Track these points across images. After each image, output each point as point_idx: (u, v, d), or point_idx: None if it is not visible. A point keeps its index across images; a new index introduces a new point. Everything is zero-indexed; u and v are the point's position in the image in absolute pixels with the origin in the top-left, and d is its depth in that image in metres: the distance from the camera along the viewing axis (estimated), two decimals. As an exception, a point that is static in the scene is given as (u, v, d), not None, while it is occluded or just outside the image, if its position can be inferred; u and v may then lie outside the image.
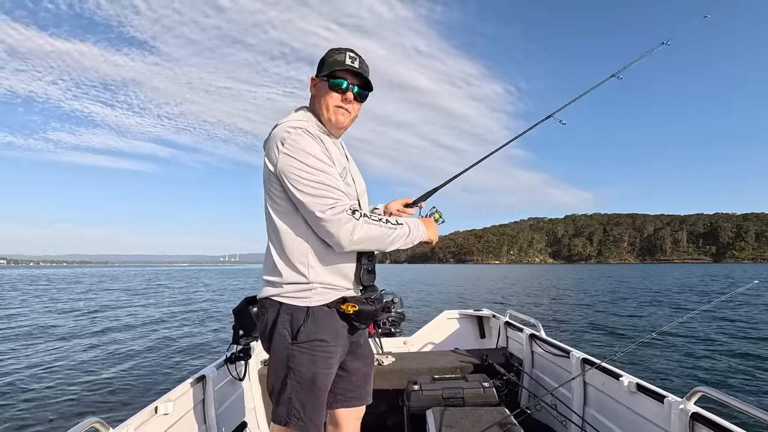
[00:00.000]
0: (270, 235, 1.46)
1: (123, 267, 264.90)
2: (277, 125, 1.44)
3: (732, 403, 1.46)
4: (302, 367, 1.38)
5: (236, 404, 2.55)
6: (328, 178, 1.35)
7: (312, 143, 1.37)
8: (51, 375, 6.78)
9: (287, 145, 1.35)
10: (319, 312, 1.41)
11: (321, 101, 1.48)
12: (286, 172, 1.35)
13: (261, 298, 1.46)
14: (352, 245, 1.35)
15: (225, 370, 2.39)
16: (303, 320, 1.39)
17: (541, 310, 16.04)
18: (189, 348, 8.73)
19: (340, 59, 1.45)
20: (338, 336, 1.46)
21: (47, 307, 16.77)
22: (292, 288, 1.40)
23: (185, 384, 2.07)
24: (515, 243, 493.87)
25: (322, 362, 1.41)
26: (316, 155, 1.36)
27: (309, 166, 1.34)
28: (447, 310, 4.17)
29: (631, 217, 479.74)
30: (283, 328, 1.39)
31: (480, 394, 2.36)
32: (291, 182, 1.34)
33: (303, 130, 1.37)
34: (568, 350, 2.62)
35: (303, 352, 1.39)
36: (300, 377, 1.38)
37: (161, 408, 1.81)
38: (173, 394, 1.93)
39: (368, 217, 1.37)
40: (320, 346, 1.40)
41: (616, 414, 2.18)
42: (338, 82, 1.45)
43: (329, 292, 1.43)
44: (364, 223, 1.34)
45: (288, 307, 1.40)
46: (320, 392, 1.41)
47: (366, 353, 1.68)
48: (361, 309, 1.44)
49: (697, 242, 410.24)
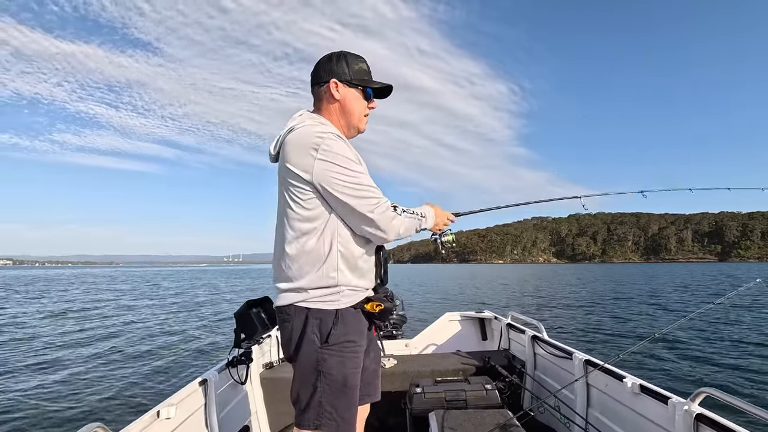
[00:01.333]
0: (291, 241, 1.43)
1: (128, 267, 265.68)
2: (293, 130, 1.42)
3: (737, 404, 1.45)
4: (333, 369, 1.39)
5: (238, 408, 2.54)
6: (367, 179, 1.41)
7: (346, 147, 1.40)
8: (51, 379, 6.72)
9: (322, 151, 1.35)
10: (347, 314, 1.43)
11: (350, 107, 1.53)
12: (326, 178, 1.35)
13: (281, 306, 1.44)
14: (397, 237, 1.46)
15: (227, 373, 2.39)
16: (333, 323, 1.40)
17: (542, 311, 15.96)
18: (190, 351, 8.70)
19: (366, 68, 1.55)
20: (363, 335, 1.50)
21: (47, 310, 16.70)
22: (320, 292, 1.41)
23: (187, 388, 2.07)
24: (519, 242, 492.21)
25: (351, 362, 1.43)
26: (352, 158, 1.40)
27: (349, 169, 1.36)
28: (448, 312, 4.18)
29: (636, 216, 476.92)
30: (312, 334, 1.39)
31: (482, 397, 2.36)
32: (333, 187, 1.35)
33: (335, 135, 1.39)
34: (570, 352, 2.62)
35: (333, 355, 1.39)
36: (330, 380, 1.39)
37: (163, 412, 1.80)
38: (175, 398, 1.93)
39: (406, 211, 1.48)
40: (349, 346, 1.42)
41: (620, 416, 2.17)
42: (371, 92, 1.56)
43: (355, 294, 1.46)
44: (405, 217, 1.46)
45: (316, 312, 1.40)
46: (351, 391, 1.44)
47: (375, 351, 1.73)
48: (386, 307, 1.49)
49: (702, 241, 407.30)
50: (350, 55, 1.54)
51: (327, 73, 1.52)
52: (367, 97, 1.55)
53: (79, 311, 16.17)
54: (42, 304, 19.53)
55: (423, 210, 1.60)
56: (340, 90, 1.51)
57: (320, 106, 1.55)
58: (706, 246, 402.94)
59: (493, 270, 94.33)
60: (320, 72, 1.53)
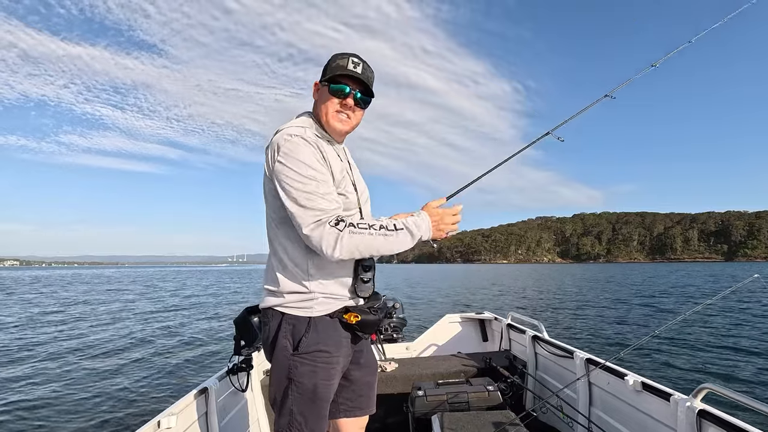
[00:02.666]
0: (271, 243, 1.44)
1: (133, 268, 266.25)
2: (278, 131, 1.41)
3: (739, 399, 1.45)
4: (303, 378, 1.37)
5: (239, 416, 2.53)
6: (318, 187, 1.31)
7: (307, 151, 1.34)
8: (47, 389, 6.56)
9: (281, 152, 1.33)
10: (321, 322, 1.39)
11: (321, 106, 1.47)
12: (278, 181, 1.33)
13: (263, 308, 1.44)
14: (337, 256, 1.28)
15: (227, 381, 2.36)
16: (305, 331, 1.37)
17: (543, 311, 15.94)
18: (190, 358, 8.60)
19: (343, 64, 1.43)
20: (340, 346, 1.44)
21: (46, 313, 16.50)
22: (294, 298, 1.39)
23: (187, 397, 2.06)
24: (523, 242, 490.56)
25: (324, 373, 1.39)
26: (310, 164, 1.32)
27: (301, 174, 1.30)
28: (448, 314, 4.18)
29: (641, 215, 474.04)
30: (284, 339, 1.38)
31: (485, 398, 2.36)
32: (282, 191, 1.32)
33: (300, 138, 1.35)
34: (571, 351, 2.62)
35: (304, 363, 1.37)
36: (301, 389, 1.37)
37: (164, 422, 1.79)
38: (176, 408, 1.92)
39: (355, 225, 1.29)
40: (321, 357, 1.38)
41: (623, 413, 2.18)
42: (339, 88, 1.43)
43: (331, 302, 1.42)
44: (348, 234, 1.28)
45: (290, 318, 1.38)
46: (322, 403, 1.40)
47: (369, 362, 1.66)
48: (364, 319, 1.42)
49: (709, 241, 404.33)
50: (337, 54, 1.47)
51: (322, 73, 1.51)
52: (333, 92, 1.43)
53: (77, 316, 15.93)
54: (41, 306, 19.29)
55: (402, 223, 1.37)
56: (319, 90, 1.49)
57: (313, 108, 1.55)
58: (713, 246, 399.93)
59: (496, 270, 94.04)
60: None
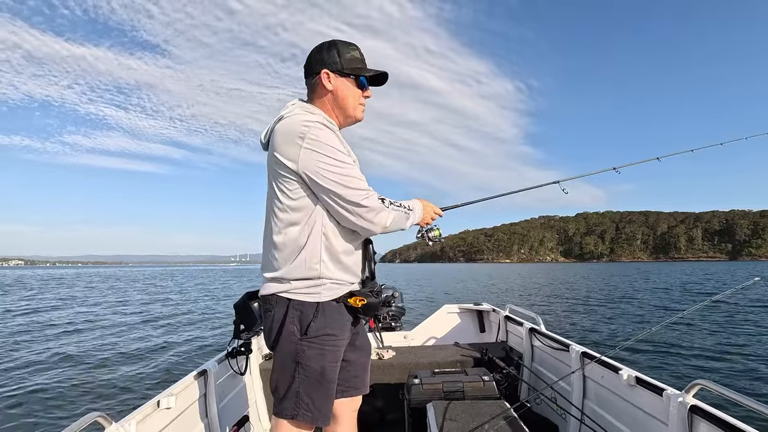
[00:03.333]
0: (277, 230, 1.42)
1: (136, 267, 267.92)
2: (282, 119, 1.42)
3: (731, 396, 1.46)
4: (311, 361, 1.39)
5: (238, 398, 2.57)
6: (353, 170, 1.38)
7: (332, 136, 1.37)
8: (53, 370, 6.84)
9: (308, 139, 1.33)
10: (328, 307, 1.42)
11: (343, 97, 1.50)
12: (312, 168, 1.33)
13: (265, 295, 1.45)
14: (385, 229, 1.43)
15: (226, 364, 2.40)
16: (313, 316, 1.39)
17: (541, 305, 16.05)
18: (191, 342, 8.78)
19: (357, 56, 1.50)
20: (345, 329, 1.48)
21: (51, 305, 16.99)
22: (302, 284, 1.40)
23: (187, 378, 2.09)
24: (526, 241, 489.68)
25: (331, 356, 1.43)
26: (339, 148, 1.37)
27: (335, 159, 1.34)
28: (447, 305, 4.20)
29: (644, 214, 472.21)
30: (291, 324, 1.39)
31: (480, 388, 2.38)
32: (320, 177, 1.33)
33: (321, 124, 1.36)
34: (567, 344, 2.63)
35: (312, 347, 1.39)
36: (309, 371, 1.39)
37: (163, 402, 1.82)
38: (175, 389, 1.95)
39: (394, 203, 1.45)
40: (329, 340, 1.41)
41: (616, 407, 2.19)
42: (364, 81, 1.51)
43: (338, 287, 1.44)
44: (392, 210, 1.42)
45: (297, 303, 1.39)
46: (329, 384, 1.44)
47: (364, 344, 1.70)
48: (369, 302, 1.46)
49: (713, 240, 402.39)
50: (341, 43, 1.50)
51: (318, 64, 1.48)
52: (360, 85, 1.51)
53: (83, 306, 16.41)
54: (48, 300, 19.82)
55: (411, 203, 1.56)
56: (332, 80, 1.48)
57: (313, 97, 1.53)
58: (717, 245, 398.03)
59: (498, 269, 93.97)
60: (312, 63, 1.50)
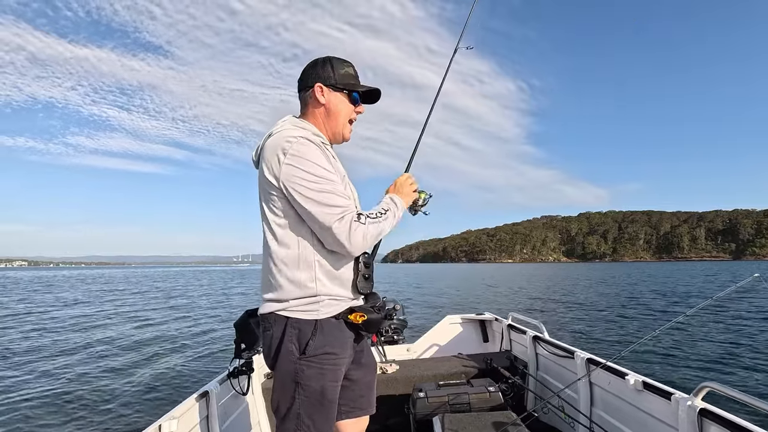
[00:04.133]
0: (270, 248, 1.41)
1: (139, 268, 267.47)
2: (271, 135, 1.41)
3: (740, 397, 1.44)
4: (311, 381, 1.36)
5: (241, 419, 2.53)
6: (333, 186, 1.35)
7: (315, 152, 1.36)
8: (47, 394, 6.47)
9: (289, 155, 1.32)
10: (327, 324, 1.39)
11: (335, 112, 1.51)
12: (290, 183, 1.32)
13: (263, 314, 1.42)
14: (363, 248, 1.37)
15: (228, 384, 2.37)
16: (311, 334, 1.36)
17: (544, 311, 15.92)
18: (191, 361, 8.56)
19: (352, 72, 1.53)
20: (346, 347, 1.45)
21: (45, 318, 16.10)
22: (299, 302, 1.37)
23: (188, 400, 2.06)
24: (528, 241, 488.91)
25: (331, 375, 1.39)
26: (321, 164, 1.35)
27: (314, 175, 1.32)
28: (449, 315, 4.17)
29: (647, 214, 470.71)
30: (290, 343, 1.36)
31: (486, 399, 2.36)
32: (297, 193, 1.32)
33: (305, 139, 1.36)
34: (572, 351, 2.61)
35: (312, 366, 1.36)
36: (309, 392, 1.36)
37: (165, 426, 1.78)
38: (177, 412, 1.92)
39: (369, 216, 1.39)
40: (329, 359, 1.38)
41: (624, 413, 2.17)
42: (357, 96, 1.53)
43: (336, 304, 1.41)
44: (369, 224, 1.36)
45: (295, 322, 1.37)
46: (330, 405, 1.40)
47: (369, 362, 1.65)
48: (370, 318, 1.43)
49: (716, 239, 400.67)
50: (336, 59, 1.52)
51: (312, 78, 1.50)
52: (353, 101, 1.53)
53: (79, 317, 15.81)
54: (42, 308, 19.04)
55: (385, 204, 1.50)
56: (325, 94, 1.49)
57: (306, 111, 1.54)
58: (720, 244, 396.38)
59: (500, 270, 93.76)
60: (306, 77, 1.52)
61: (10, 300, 23.70)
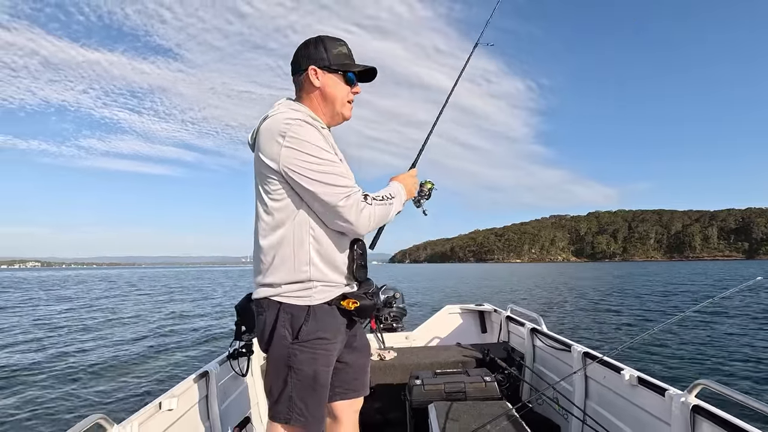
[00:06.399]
0: (264, 234, 1.40)
1: (149, 268, 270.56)
2: (266, 118, 1.40)
3: (733, 395, 1.45)
4: (303, 365, 1.37)
5: (239, 399, 2.58)
6: (335, 167, 1.34)
7: (314, 133, 1.34)
8: (54, 372, 6.88)
9: (288, 137, 1.30)
10: (320, 310, 1.39)
11: (331, 94, 1.47)
12: (292, 166, 1.31)
13: (257, 298, 1.44)
14: (369, 228, 1.39)
15: (228, 365, 2.40)
16: (304, 319, 1.37)
17: (543, 305, 15.99)
18: (192, 344, 8.81)
19: (345, 52, 1.48)
20: (338, 333, 1.46)
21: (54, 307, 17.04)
22: (292, 287, 1.38)
23: (189, 380, 2.09)
24: (537, 241, 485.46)
25: (323, 360, 1.41)
26: (321, 145, 1.34)
27: (316, 157, 1.31)
28: (448, 305, 4.20)
29: (658, 213, 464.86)
30: (283, 328, 1.37)
31: (482, 389, 2.38)
32: (299, 176, 1.31)
33: (302, 121, 1.34)
34: (569, 344, 2.63)
35: (304, 351, 1.37)
36: (301, 375, 1.37)
37: (165, 404, 1.82)
38: (177, 390, 1.95)
39: (375, 198, 1.39)
40: (321, 344, 1.39)
41: (618, 407, 2.19)
42: (352, 77, 1.49)
43: (330, 290, 1.41)
44: (376, 206, 1.37)
45: (288, 307, 1.37)
46: (322, 389, 1.42)
47: (362, 345, 1.68)
48: (362, 304, 1.44)
49: (729, 238, 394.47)
50: (328, 39, 1.48)
51: (305, 60, 1.46)
52: (348, 81, 1.49)
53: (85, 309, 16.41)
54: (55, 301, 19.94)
55: (391, 190, 1.51)
56: (319, 76, 1.45)
57: (301, 95, 1.51)
58: (733, 243, 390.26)
59: (508, 269, 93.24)
60: (298, 59, 1.48)
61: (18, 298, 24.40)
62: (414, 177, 1.67)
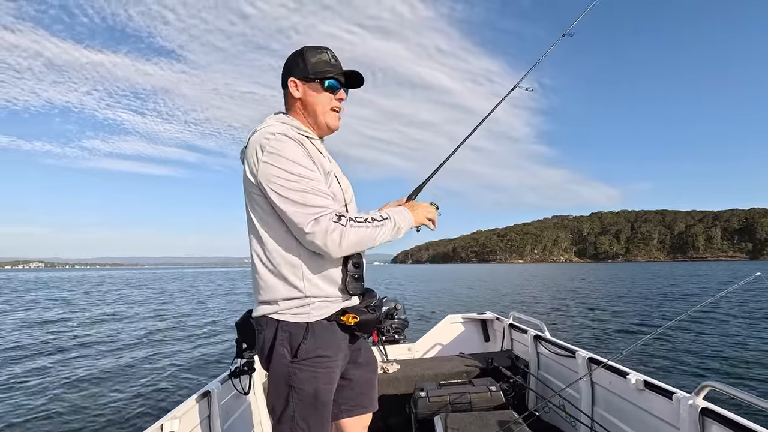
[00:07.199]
0: (256, 249, 1.38)
1: (152, 269, 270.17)
2: (255, 132, 1.38)
3: (742, 396, 1.44)
4: (304, 384, 1.33)
5: (242, 418, 2.54)
6: (311, 184, 1.28)
7: (294, 149, 1.30)
8: (51, 394, 6.49)
9: (267, 152, 1.28)
10: (319, 327, 1.35)
11: (311, 104, 1.44)
12: (267, 182, 1.28)
13: (256, 316, 1.41)
14: (342, 252, 1.28)
15: (229, 384, 2.37)
16: (303, 337, 1.33)
17: (545, 309, 15.85)
18: (192, 361, 8.53)
19: (326, 59, 1.44)
20: (339, 349, 1.41)
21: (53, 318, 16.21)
22: (289, 304, 1.34)
23: (190, 400, 2.06)
24: (539, 242, 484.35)
25: (324, 378, 1.37)
26: (299, 161, 1.29)
27: (291, 173, 1.27)
28: (450, 315, 4.17)
29: (661, 213, 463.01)
30: (281, 347, 1.34)
31: (487, 398, 2.37)
32: (273, 192, 1.27)
33: (283, 135, 1.31)
34: (573, 350, 2.62)
35: (304, 370, 1.33)
36: (302, 395, 1.34)
37: (167, 426, 1.78)
38: (178, 411, 1.92)
39: (354, 220, 1.29)
40: (321, 362, 1.35)
41: (625, 412, 2.17)
42: (334, 84, 1.44)
43: (328, 305, 1.37)
44: (350, 228, 1.27)
45: (286, 325, 1.34)
46: (324, 408, 1.39)
47: (368, 360, 1.63)
48: (363, 319, 1.39)
49: (732, 239, 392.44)
50: (309, 48, 1.45)
51: (286, 73, 1.46)
52: (330, 89, 1.44)
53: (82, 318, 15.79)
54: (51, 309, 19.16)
55: (387, 213, 1.39)
56: (299, 87, 1.44)
57: (288, 108, 1.50)
58: (737, 244, 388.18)
59: (512, 270, 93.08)
60: (282, 74, 1.48)
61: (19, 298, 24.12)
62: (429, 208, 1.56)
